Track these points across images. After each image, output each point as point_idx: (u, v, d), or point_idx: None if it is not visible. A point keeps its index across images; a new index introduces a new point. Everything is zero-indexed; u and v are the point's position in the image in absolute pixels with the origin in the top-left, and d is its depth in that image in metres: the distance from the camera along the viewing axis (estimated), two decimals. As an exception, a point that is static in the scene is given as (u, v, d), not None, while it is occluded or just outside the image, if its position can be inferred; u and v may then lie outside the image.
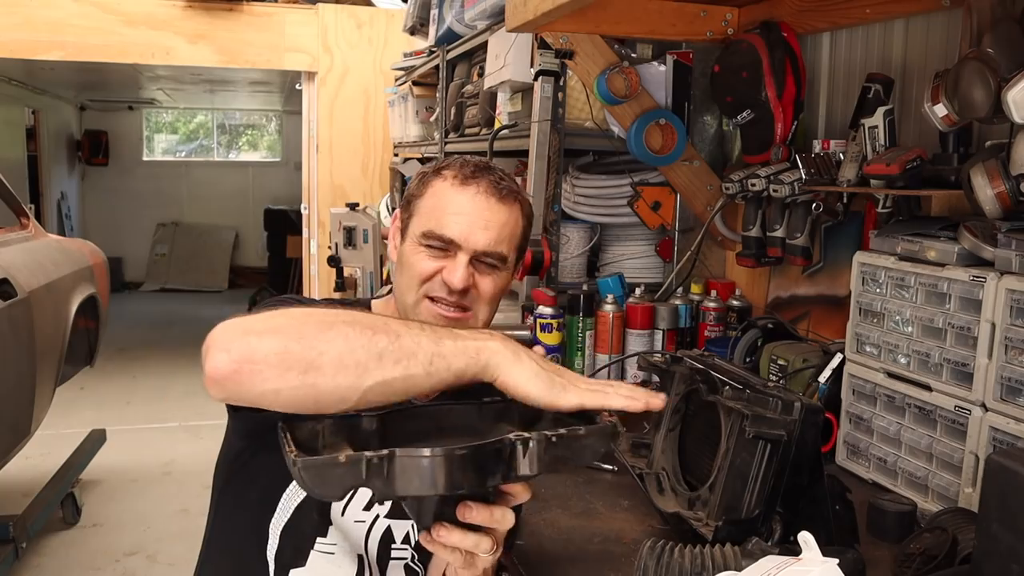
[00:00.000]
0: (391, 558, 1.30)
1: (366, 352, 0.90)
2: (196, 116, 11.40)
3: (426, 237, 1.24)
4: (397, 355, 0.91)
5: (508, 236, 1.26)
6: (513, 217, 1.27)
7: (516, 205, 1.28)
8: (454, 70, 3.43)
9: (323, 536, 1.27)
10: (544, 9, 1.92)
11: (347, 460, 0.81)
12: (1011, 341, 1.33)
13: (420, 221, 1.26)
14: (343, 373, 0.89)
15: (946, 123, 1.55)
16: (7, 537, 3.20)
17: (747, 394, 1.27)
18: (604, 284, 2.25)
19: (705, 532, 1.23)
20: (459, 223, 1.23)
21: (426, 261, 1.25)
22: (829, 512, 1.27)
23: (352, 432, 0.94)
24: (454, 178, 1.26)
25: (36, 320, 3.32)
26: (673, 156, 2.34)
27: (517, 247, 1.30)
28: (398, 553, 1.31)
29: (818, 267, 2.13)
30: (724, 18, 2.27)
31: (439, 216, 1.24)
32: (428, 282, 1.25)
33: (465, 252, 1.23)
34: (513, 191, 1.27)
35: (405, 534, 1.31)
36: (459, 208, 1.23)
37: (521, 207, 1.29)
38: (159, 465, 4.64)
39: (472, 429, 1.00)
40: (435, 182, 1.27)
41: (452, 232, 1.23)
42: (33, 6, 4.85)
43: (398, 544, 1.31)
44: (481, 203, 1.23)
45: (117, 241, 9.80)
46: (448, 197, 1.25)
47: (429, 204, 1.26)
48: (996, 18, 1.44)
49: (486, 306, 1.28)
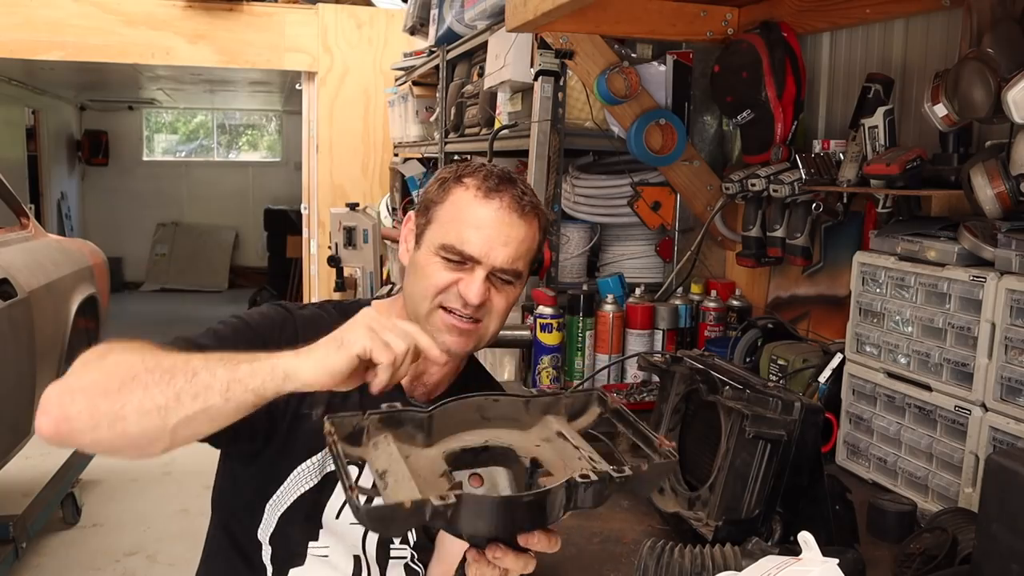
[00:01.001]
0: (390, 557, 1.30)
1: (164, 395, 0.96)
2: (196, 116, 11.39)
3: (444, 249, 1.23)
4: (194, 391, 0.97)
5: (525, 252, 1.25)
6: (532, 232, 1.25)
7: (535, 220, 1.26)
8: (454, 70, 3.43)
9: (314, 540, 1.27)
10: (544, 9, 1.92)
11: (412, 507, 0.80)
12: (1011, 341, 1.33)
13: (439, 231, 1.24)
14: (147, 418, 0.96)
15: (946, 123, 1.55)
16: (7, 537, 3.20)
17: (747, 394, 1.27)
18: (604, 284, 2.25)
19: (705, 532, 1.23)
20: (479, 238, 1.21)
21: (442, 272, 1.23)
22: (829, 512, 1.27)
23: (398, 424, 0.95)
24: (477, 189, 1.23)
25: (36, 320, 3.32)
26: (673, 156, 2.34)
27: (531, 261, 1.28)
28: (397, 553, 1.31)
29: (818, 267, 2.13)
30: (724, 18, 2.27)
31: (459, 228, 1.22)
32: (443, 293, 1.24)
33: (484, 268, 1.22)
34: (535, 205, 1.26)
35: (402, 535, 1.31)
36: (480, 222, 1.22)
37: (539, 221, 1.28)
38: (159, 465, 4.63)
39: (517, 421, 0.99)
40: (456, 190, 1.25)
41: (472, 248, 1.21)
42: (33, 6, 4.85)
43: (397, 545, 1.31)
44: (503, 218, 1.22)
45: (117, 241, 9.79)
46: (470, 209, 1.23)
47: (449, 214, 1.24)
48: (996, 18, 1.44)
49: (497, 319, 1.27)
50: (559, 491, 0.85)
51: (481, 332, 1.26)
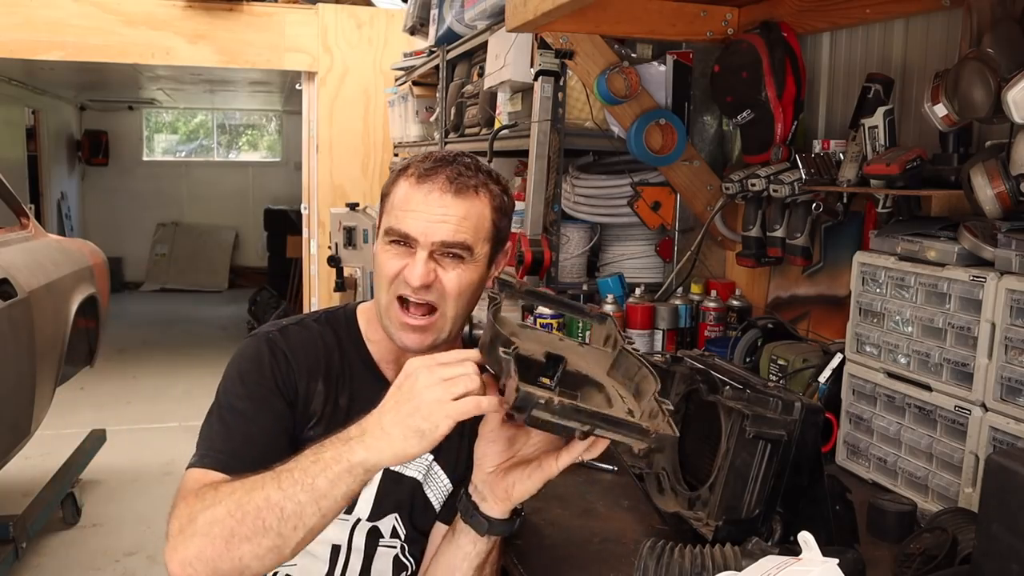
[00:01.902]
0: (379, 546, 1.32)
1: (269, 539, 1.03)
2: (196, 116, 11.40)
3: (388, 234, 1.25)
4: (293, 524, 1.03)
5: (471, 228, 1.23)
6: (476, 209, 1.24)
7: (478, 197, 1.24)
8: (454, 70, 3.43)
9: None
10: (544, 9, 1.92)
11: None
12: (1011, 341, 1.33)
13: (386, 219, 1.27)
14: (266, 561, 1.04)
15: (946, 123, 1.55)
16: (7, 537, 3.20)
17: (747, 394, 1.26)
18: (604, 284, 2.25)
19: (705, 532, 1.23)
20: (415, 218, 1.22)
21: (392, 260, 1.25)
22: (829, 512, 1.27)
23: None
24: (414, 175, 1.25)
25: (36, 320, 3.32)
26: (673, 156, 2.34)
27: (489, 239, 1.26)
28: (387, 543, 1.32)
29: (818, 267, 2.13)
30: (724, 18, 2.27)
31: (399, 213, 1.24)
32: (395, 281, 1.25)
33: (423, 247, 1.22)
34: (472, 185, 1.24)
35: (392, 528, 1.32)
36: (416, 204, 1.23)
37: (488, 198, 1.26)
38: (159, 465, 4.63)
39: None
40: (400, 180, 1.27)
41: (409, 228, 1.22)
42: (33, 6, 4.85)
43: (387, 539, 1.32)
44: (435, 199, 1.22)
45: (117, 241, 9.79)
46: (408, 194, 1.24)
47: (392, 202, 1.27)
48: (996, 18, 1.44)
49: (454, 302, 1.25)
50: None
51: (439, 323, 1.26)
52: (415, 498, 1.33)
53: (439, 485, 1.34)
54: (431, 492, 1.33)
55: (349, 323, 1.37)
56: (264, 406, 1.24)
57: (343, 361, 1.32)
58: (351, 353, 1.34)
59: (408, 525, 1.33)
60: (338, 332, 1.35)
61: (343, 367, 1.32)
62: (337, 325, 1.36)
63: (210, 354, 6.79)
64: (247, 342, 1.31)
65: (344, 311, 1.39)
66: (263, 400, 1.24)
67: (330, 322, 1.36)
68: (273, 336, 1.30)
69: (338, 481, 1.02)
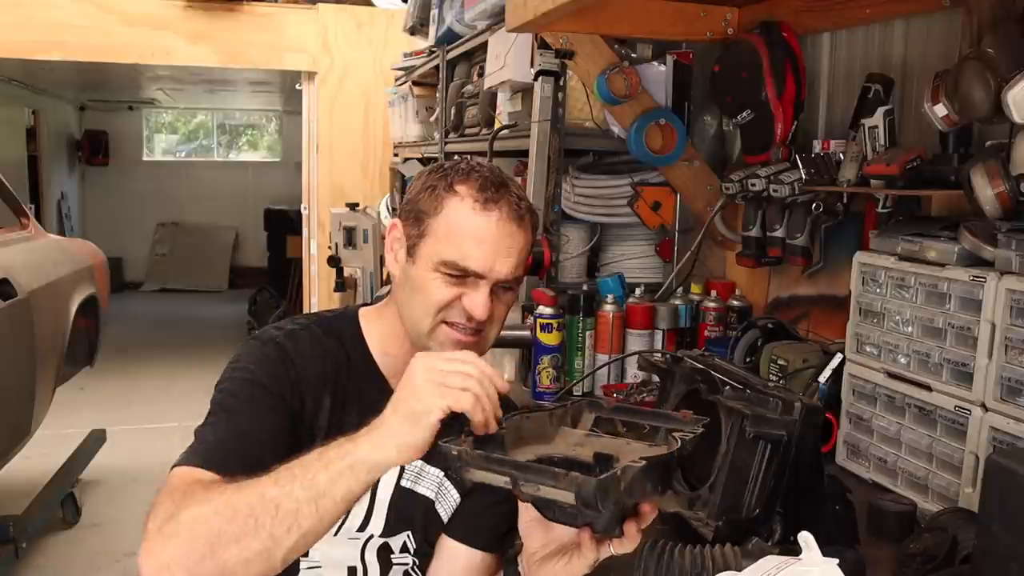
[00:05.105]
0: (392, 564, 1.30)
1: (259, 541, 0.96)
2: (196, 116, 11.40)
3: (445, 265, 1.18)
4: (286, 525, 0.96)
5: (525, 257, 1.22)
6: (529, 236, 1.22)
7: (531, 222, 1.23)
8: (454, 70, 3.43)
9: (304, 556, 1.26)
10: (544, 9, 1.92)
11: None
12: (1011, 341, 1.33)
13: (436, 246, 1.19)
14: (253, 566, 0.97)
15: (946, 123, 1.55)
16: (7, 537, 3.20)
17: (747, 394, 1.27)
18: (604, 284, 2.25)
19: (705, 532, 1.23)
20: (481, 253, 1.17)
21: (443, 288, 1.18)
22: (829, 512, 1.27)
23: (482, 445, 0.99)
24: (474, 200, 1.17)
25: (36, 320, 3.32)
26: (673, 156, 2.34)
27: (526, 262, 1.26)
28: (399, 560, 1.31)
29: (818, 267, 2.13)
30: (724, 18, 2.26)
31: (459, 244, 1.17)
32: (445, 309, 1.20)
33: (487, 282, 1.18)
34: (529, 208, 1.22)
35: (402, 544, 1.31)
36: (481, 236, 1.17)
37: (533, 221, 1.24)
38: (159, 465, 4.57)
39: (544, 436, 1.07)
40: (451, 201, 1.18)
41: (475, 264, 1.17)
42: (33, 6, 4.85)
43: (397, 554, 1.31)
44: (504, 229, 1.17)
45: (117, 241, 9.78)
46: (468, 223, 1.17)
47: (445, 227, 1.18)
48: (996, 18, 1.45)
49: (497, 326, 1.24)
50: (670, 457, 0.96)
51: (483, 343, 1.24)
52: (428, 516, 1.31)
53: (449, 501, 1.32)
54: (442, 508, 1.32)
55: (354, 335, 1.30)
56: (265, 410, 1.18)
57: (350, 377, 1.27)
58: (360, 368, 1.28)
59: (420, 540, 1.31)
60: (344, 344, 1.28)
61: (351, 384, 1.26)
62: (342, 336, 1.29)
63: (210, 354, 6.78)
64: (252, 343, 1.26)
65: (345, 319, 1.33)
66: (265, 404, 1.19)
67: (333, 332, 1.29)
68: (280, 340, 1.24)
69: (339, 478, 0.97)
